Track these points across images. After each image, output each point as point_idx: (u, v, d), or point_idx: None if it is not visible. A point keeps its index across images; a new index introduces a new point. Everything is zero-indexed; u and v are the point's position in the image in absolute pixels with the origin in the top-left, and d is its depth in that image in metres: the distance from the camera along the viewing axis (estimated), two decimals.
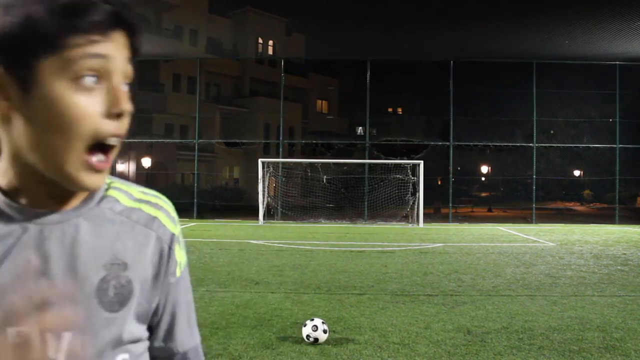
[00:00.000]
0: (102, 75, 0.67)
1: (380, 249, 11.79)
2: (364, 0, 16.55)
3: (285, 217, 20.46)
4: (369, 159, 21.62)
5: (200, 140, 23.07)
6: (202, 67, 25.50)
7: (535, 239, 14.38)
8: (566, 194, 33.16)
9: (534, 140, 21.57)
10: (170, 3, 34.23)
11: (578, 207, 30.69)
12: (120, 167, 30.02)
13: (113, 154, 0.70)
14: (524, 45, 19.10)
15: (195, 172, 22.69)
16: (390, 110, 43.72)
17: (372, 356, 4.40)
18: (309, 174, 21.35)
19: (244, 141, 30.45)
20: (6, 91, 0.66)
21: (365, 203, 21.05)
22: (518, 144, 23.80)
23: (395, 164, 20.45)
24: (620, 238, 14.90)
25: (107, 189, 0.78)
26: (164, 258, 0.80)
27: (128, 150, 31.48)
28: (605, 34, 17.64)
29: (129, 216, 0.77)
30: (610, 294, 7.04)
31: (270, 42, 37.31)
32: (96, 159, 0.68)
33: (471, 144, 22.96)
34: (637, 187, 25.52)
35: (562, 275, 8.46)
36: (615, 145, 21.45)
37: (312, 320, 4.73)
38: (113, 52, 0.67)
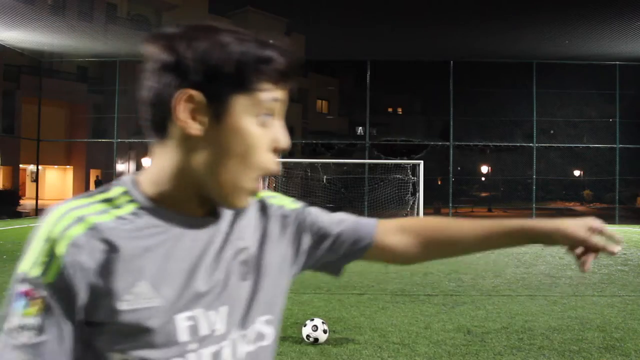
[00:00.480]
0: (272, 115, 0.79)
1: None
2: (363, 0, 16.55)
3: None
4: (369, 159, 21.61)
5: None
6: None
7: None
8: (566, 194, 33.18)
9: (534, 140, 21.57)
10: (170, 3, 34.24)
11: (578, 207, 30.69)
12: (120, 167, 29.99)
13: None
14: (524, 45, 19.10)
15: None
16: (390, 110, 43.73)
17: (372, 356, 4.40)
18: (309, 174, 21.35)
19: None
20: (201, 116, 0.76)
21: (365, 203, 21.04)
22: (518, 144, 23.82)
23: (395, 164, 20.44)
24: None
25: None
26: (290, 227, 0.95)
27: (128, 150, 31.48)
28: (605, 34, 17.64)
29: (255, 208, 0.92)
30: (610, 294, 7.04)
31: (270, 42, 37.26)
32: (257, 182, 0.80)
33: (471, 144, 22.97)
34: (637, 187, 25.54)
35: (562, 275, 8.46)
36: (615, 145, 21.44)
37: (312, 320, 4.73)
38: (282, 96, 0.80)
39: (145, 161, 31.41)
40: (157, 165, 0.81)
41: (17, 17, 17.37)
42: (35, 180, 25.34)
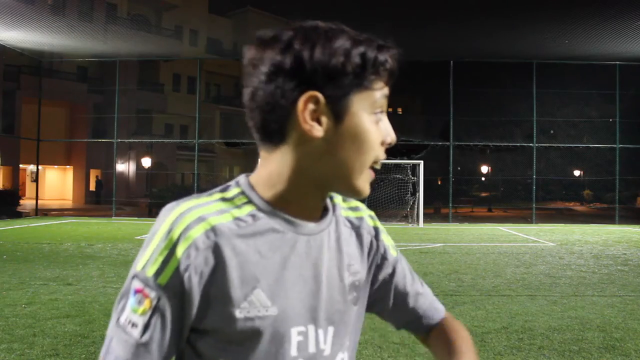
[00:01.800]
0: (383, 111, 0.82)
1: None
2: (363, 1, 16.55)
3: None
4: None
5: (200, 140, 23.07)
6: (202, 67, 25.50)
7: (535, 239, 14.38)
8: (566, 194, 33.19)
9: (534, 140, 21.57)
10: (170, 3, 34.25)
11: (578, 207, 30.71)
12: (120, 167, 29.99)
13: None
14: (524, 45, 19.10)
15: (195, 172, 22.69)
16: (390, 110, 43.65)
17: (372, 356, 4.40)
18: None
19: (244, 141, 30.44)
20: (323, 117, 0.77)
21: (365, 203, 20.91)
22: (518, 144, 23.82)
23: (395, 164, 20.45)
24: (620, 238, 14.90)
25: (331, 198, 0.90)
26: (373, 249, 0.94)
27: (128, 150, 31.48)
28: (605, 34, 17.63)
29: (350, 223, 0.92)
30: (610, 294, 7.04)
31: None
32: (374, 172, 0.82)
33: (471, 144, 22.97)
34: (637, 187, 25.54)
35: (562, 275, 8.46)
36: (615, 145, 21.44)
37: None
38: (388, 92, 0.82)
39: (145, 161, 31.43)
40: (271, 168, 0.80)
41: (17, 17, 17.37)
42: (35, 180, 25.34)
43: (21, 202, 23.14)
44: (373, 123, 0.79)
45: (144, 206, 25.98)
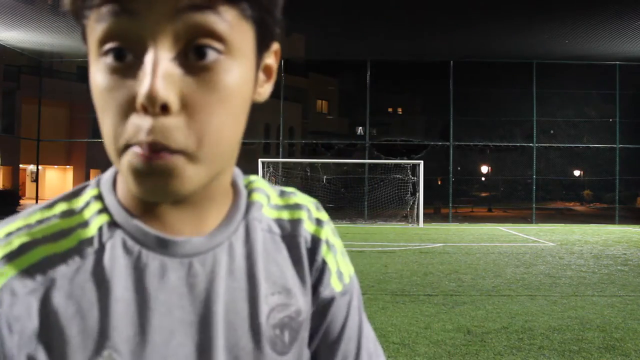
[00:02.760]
0: (133, 47, 0.49)
1: (380, 249, 11.79)
2: (363, 0, 16.55)
3: None
4: (369, 159, 21.62)
5: None
6: None
7: (535, 239, 14.38)
8: (566, 194, 33.17)
9: (534, 140, 21.57)
10: None
11: (578, 207, 30.70)
12: None
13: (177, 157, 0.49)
14: (524, 45, 19.10)
15: None
16: (390, 110, 43.72)
17: None
18: (309, 174, 21.36)
19: (244, 141, 30.31)
20: None
21: (365, 203, 21.04)
22: (518, 144, 23.81)
23: (395, 164, 20.45)
24: (620, 238, 14.90)
25: (250, 193, 0.61)
26: (312, 266, 0.62)
27: None
28: (605, 34, 17.64)
29: (279, 226, 0.61)
30: (610, 294, 7.04)
31: None
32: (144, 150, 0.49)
33: (471, 144, 22.97)
34: (637, 187, 25.53)
35: (562, 275, 8.46)
36: (615, 145, 21.45)
37: None
38: (145, 10, 0.48)
39: None
40: None
41: (17, 17, 17.38)
42: (35, 180, 25.35)
43: (21, 202, 23.15)
44: (101, 72, 0.46)
45: None
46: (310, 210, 0.64)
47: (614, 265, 9.62)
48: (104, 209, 0.53)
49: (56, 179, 35.44)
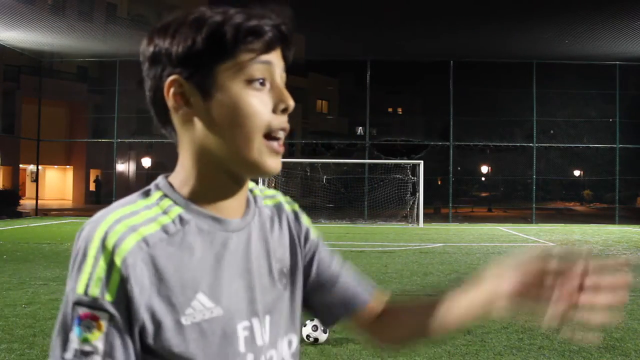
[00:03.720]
0: (267, 79, 0.77)
1: (380, 249, 11.79)
2: (363, 0, 16.55)
3: None
4: (369, 159, 21.61)
5: None
6: None
7: (535, 239, 14.38)
8: (566, 194, 33.19)
9: (534, 140, 21.57)
10: (170, 3, 34.21)
11: (578, 207, 30.70)
12: (120, 167, 29.99)
13: (283, 147, 0.81)
14: (524, 45, 19.10)
15: None
16: (390, 110, 43.72)
17: (372, 356, 4.40)
18: (309, 174, 21.35)
19: None
20: (192, 97, 0.76)
21: (365, 203, 21.04)
22: (518, 144, 23.83)
23: (395, 164, 20.45)
24: (620, 238, 14.90)
25: (252, 190, 0.90)
26: (295, 232, 0.93)
27: (128, 150, 31.46)
28: (605, 34, 17.64)
29: (271, 211, 0.91)
30: None
31: None
32: (275, 142, 0.78)
33: (471, 144, 22.97)
34: (637, 187, 25.55)
35: None
36: (615, 145, 21.44)
37: (312, 320, 4.72)
38: (275, 60, 0.78)
39: (145, 161, 31.42)
40: (182, 163, 0.80)
41: (17, 17, 17.38)
42: (35, 180, 25.34)
43: (21, 202, 23.15)
44: (250, 91, 0.75)
45: None
46: (282, 196, 0.97)
47: None
48: (175, 203, 0.77)
49: (56, 178, 35.43)
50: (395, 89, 37.86)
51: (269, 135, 0.77)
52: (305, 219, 0.96)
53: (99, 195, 30.00)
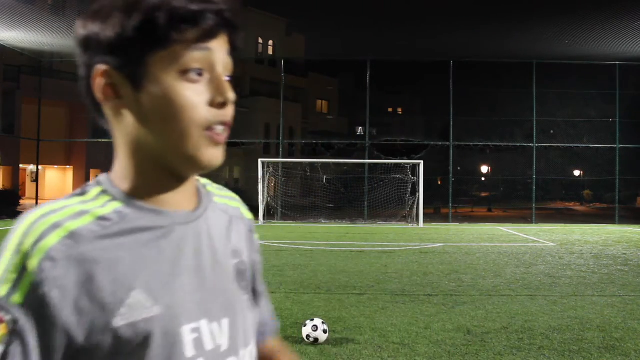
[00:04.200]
0: (206, 69, 0.71)
1: (380, 249, 11.79)
2: (363, 0, 16.56)
3: (285, 217, 20.46)
4: (369, 159, 21.62)
5: None
6: None
7: (535, 239, 14.38)
8: (566, 194, 33.19)
9: (534, 140, 21.57)
10: None
11: (578, 207, 30.69)
12: None
13: (225, 137, 0.75)
14: (524, 45, 19.10)
15: None
16: (390, 110, 43.74)
17: (372, 356, 4.40)
18: (309, 174, 21.36)
19: (244, 141, 30.47)
20: (122, 88, 0.71)
21: (365, 203, 21.04)
22: (518, 144, 23.82)
23: (395, 164, 20.45)
24: (620, 238, 14.90)
25: (205, 186, 0.86)
26: (250, 242, 0.89)
27: None
28: (605, 34, 17.64)
29: (226, 210, 0.86)
30: (610, 294, 7.04)
31: (270, 42, 37.33)
32: (214, 132, 0.72)
33: (471, 144, 22.97)
34: (637, 187, 25.55)
35: (562, 275, 8.46)
36: (615, 145, 21.45)
37: (312, 320, 4.73)
38: (215, 46, 0.71)
39: None
40: (117, 157, 0.75)
41: (17, 17, 17.38)
42: (35, 180, 25.35)
43: (21, 202, 23.14)
44: (185, 83, 0.69)
45: None
46: (240, 201, 0.92)
47: (614, 265, 9.63)
48: (114, 198, 0.72)
49: (56, 179, 35.43)
50: (395, 89, 37.87)
51: (208, 128, 0.71)
52: (255, 233, 0.93)
53: None
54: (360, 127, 34.16)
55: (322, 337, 4.66)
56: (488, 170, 33.00)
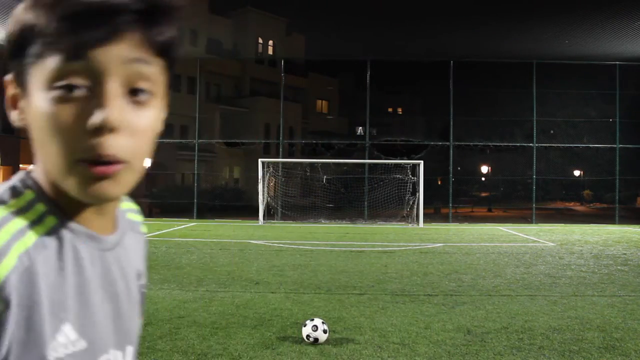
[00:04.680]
0: (84, 85, 0.58)
1: (380, 249, 11.79)
2: (364, 0, 16.55)
3: (285, 217, 20.46)
4: (369, 159, 21.62)
5: (200, 140, 23.08)
6: (202, 67, 25.51)
7: (535, 239, 14.38)
8: (566, 194, 33.15)
9: (534, 140, 21.57)
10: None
11: (578, 207, 30.67)
12: None
13: (120, 166, 0.61)
14: (524, 45, 19.10)
15: (195, 172, 22.69)
16: (390, 110, 43.72)
17: (372, 356, 4.40)
18: (309, 174, 21.35)
19: (244, 141, 30.47)
20: (16, 99, 0.64)
21: (365, 203, 21.04)
22: (518, 144, 23.80)
23: (395, 164, 20.44)
24: (620, 238, 14.90)
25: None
26: (144, 258, 0.84)
27: None
28: (605, 34, 17.64)
29: (134, 227, 0.80)
30: (610, 294, 7.04)
31: (270, 42, 37.31)
32: (96, 165, 0.60)
33: (471, 144, 22.96)
34: (637, 187, 25.52)
35: (562, 275, 8.46)
36: (615, 145, 21.45)
37: (312, 320, 4.73)
38: (105, 57, 0.58)
39: (145, 161, 31.44)
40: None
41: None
42: None
43: None
44: (52, 102, 0.58)
45: (144, 206, 25.98)
46: (139, 212, 0.85)
47: (614, 265, 9.63)
48: (49, 212, 0.64)
49: None
50: (395, 89, 37.83)
51: (84, 159, 0.59)
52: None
53: None
54: (360, 127, 34.14)
55: (322, 337, 4.66)
56: (488, 170, 32.98)
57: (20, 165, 30.22)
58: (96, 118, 0.57)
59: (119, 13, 0.57)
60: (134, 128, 0.61)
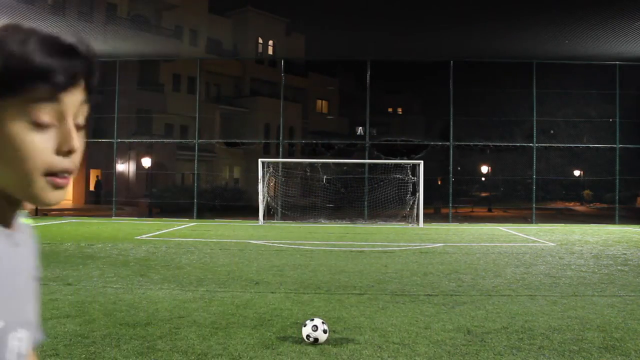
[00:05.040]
0: (56, 120, 0.75)
1: (380, 249, 11.79)
2: (364, 1, 16.55)
3: (285, 217, 20.45)
4: (369, 159, 21.61)
5: (200, 140, 23.07)
6: (202, 67, 25.48)
7: (535, 239, 14.38)
8: (566, 194, 33.15)
9: (534, 140, 21.57)
10: (170, 3, 34.24)
11: (578, 207, 30.67)
12: (120, 167, 29.99)
13: (71, 178, 0.80)
14: (524, 45, 19.10)
15: (195, 172, 22.68)
16: (390, 110, 43.74)
17: (372, 356, 4.40)
18: (309, 174, 21.35)
19: (244, 141, 30.48)
20: None
21: (365, 203, 21.04)
22: (518, 144, 23.81)
23: (395, 164, 20.44)
24: (620, 238, 14.90)
25: None
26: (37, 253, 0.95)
27: (128, 150, 31.49)
28: (605, 34, 17.64)
29: (24, 226, 0.91)
30: (610, 294, 7.04)
31: (270, 42, 37.30)
32: (58, 177, 0.77)
33: (471, 144, 22.96)
34: (637, 187, 25.52)
35: (562, 275, 8.46)
36: (615, 145, 21.45)
37: (312, 320, 4.73)
38: (69, 98, 0.76)
39: (145, 161, 31.44)
40: None
41: (17, 17, 17.36)
42: None
43: None
44: (32, 132, 0.74)
45: (144, 206, 25.98)
46: (26, 216, 0.96)
47: (614, 265, 9.63)
48: None
49: None
50: (395, 89, 37.89)
51: (51, 174, 0.76)
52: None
53: (99, 196, 30.03)
54: (360, 127, 34.13)
55: (322, 337, 4.66)
56: (488, 170, 32.98)
57: None
58: (67, 146, 0.76)
59: (79, 64, 0.75)
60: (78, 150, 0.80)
